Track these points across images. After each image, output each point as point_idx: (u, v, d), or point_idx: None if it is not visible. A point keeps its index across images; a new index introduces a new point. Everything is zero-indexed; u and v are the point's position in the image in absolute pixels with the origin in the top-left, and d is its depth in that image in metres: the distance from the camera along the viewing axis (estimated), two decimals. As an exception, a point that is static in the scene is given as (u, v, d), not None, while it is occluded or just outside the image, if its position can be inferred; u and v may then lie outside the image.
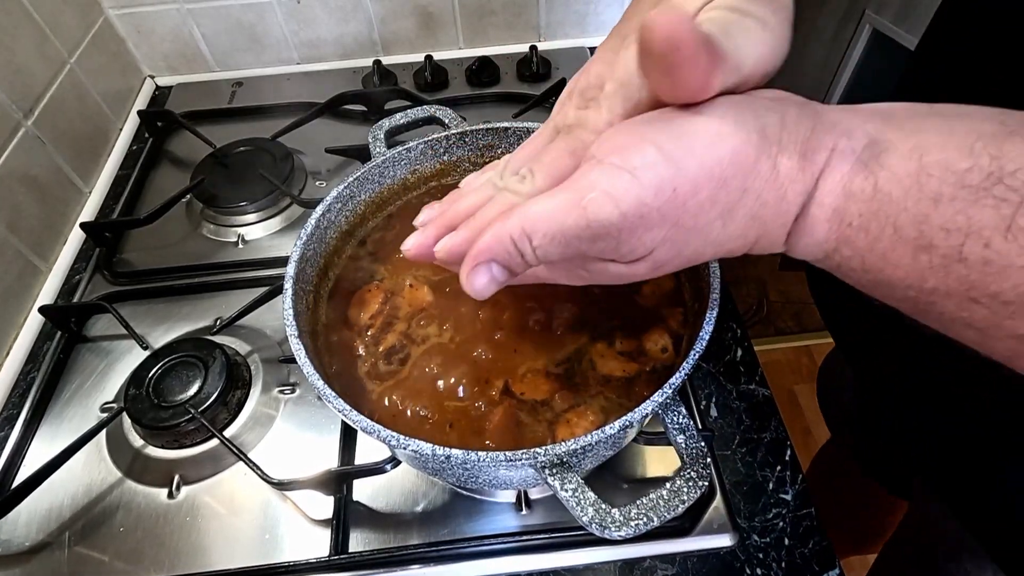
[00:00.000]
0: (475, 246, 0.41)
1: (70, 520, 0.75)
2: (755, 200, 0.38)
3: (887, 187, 0.35)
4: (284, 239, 1.06)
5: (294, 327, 0.55)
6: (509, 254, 0.40)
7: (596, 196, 0.37)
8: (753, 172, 0.37)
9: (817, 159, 0.37)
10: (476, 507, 0.74)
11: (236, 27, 1.31)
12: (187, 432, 0.79)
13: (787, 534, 0.72)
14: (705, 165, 0.36)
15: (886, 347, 0.74)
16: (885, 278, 0.37)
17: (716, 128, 0.36)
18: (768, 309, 2.48)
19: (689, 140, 0.37)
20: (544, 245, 0.39)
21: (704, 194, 0.37)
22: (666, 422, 0.51)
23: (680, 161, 0.36)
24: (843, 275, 0.40)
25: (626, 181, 0.36)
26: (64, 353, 0.91)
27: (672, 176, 0.36)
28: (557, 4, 1.33)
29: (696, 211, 0.38)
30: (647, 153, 0.36)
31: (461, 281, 0.42)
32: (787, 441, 0.78)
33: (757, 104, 0.38)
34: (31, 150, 1.00)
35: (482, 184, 0.49)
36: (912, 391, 0.73)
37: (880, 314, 0.72)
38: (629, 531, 0.46)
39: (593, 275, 0.45)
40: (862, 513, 1.28)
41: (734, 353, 0.87)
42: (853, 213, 0.36)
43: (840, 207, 0.37)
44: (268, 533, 0.74)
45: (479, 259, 0.41)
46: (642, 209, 0.36)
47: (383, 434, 0.48)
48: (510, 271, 0.41)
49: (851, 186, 0.36)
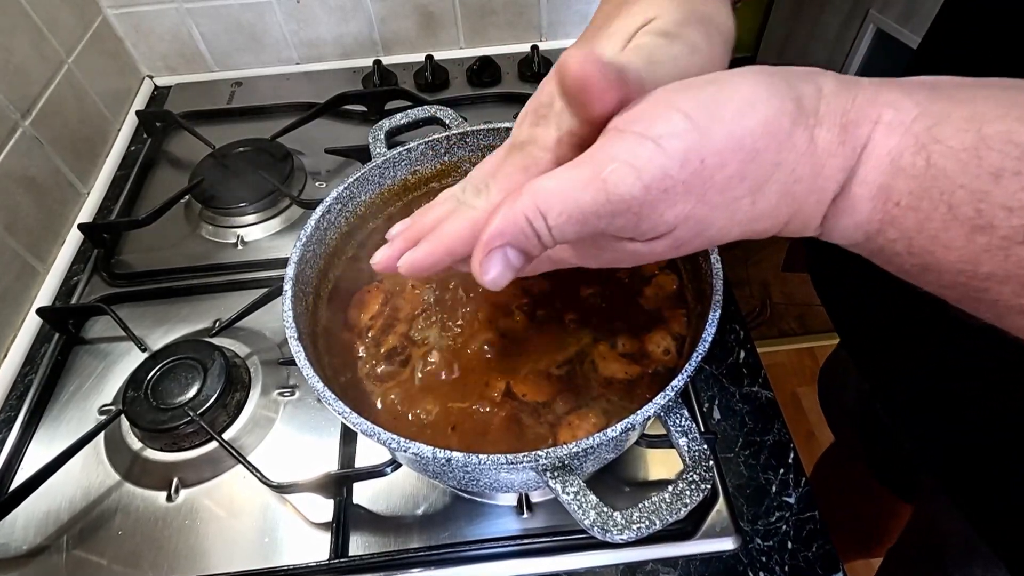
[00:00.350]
0: (486, 231, 0.38)
1: (68, 523, 0.75)
2: (788, 175, 0.36)
3: (941, 162, 0.32)
4: (284, 240, 1.06)
5: (294, 329, 0.55)
6: (525, 235, 0.37)
7: (616, 167, 0.35)
8: (787, 144, 0.35)
9: (860, 132, 0.35)
10: (477, 510, 0.74)
11: (235, 27, 1.31)
12: (186, 435, 0.79)
13: (791, 537, 0.72)
14: (735, 135, 0.34)
15: (894, 347, 0.74)
16: (934, 262, 0.34)
17: (748, 96, 0.35)
18: (771, 311, 2.48)
19: (719, 108, 0.35)
20: (560, 223, 0.36)
21: (733, 167, 0.35)
22: (668, 425, 0.51)
23: (708, 129, 0.34)
24: (884, 260, 0.38)
25: (649, 150, 0.34)
26: (62, 355, 0.91)
27: (700, 145, 0.34)
28: (559, 3, 1.33)
29: (724, 185, 0.35)
30: (673, 120, 0.35)
31: (474, 272, 0.39)
32: (790, 444, 0.78)
33: (792, 74, 0.37)
34: (29, 151, 1.00)
35: (447, 198, 0.48)
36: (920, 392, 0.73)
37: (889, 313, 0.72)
38: (631, 534, 0.46)
39: (608, 254, 0.43)
40: (866, 516, 1.28)
41: (737, 355, 0.87)
42: (902, 191, 0.34)
43: (887, 184, 0.34)
44: (267, 536, 0.74)
45: (492, 244, 0.38)
46: (666, 181, 0.35)
47: (383, 437, 0.48)
48: (526, 255, 0.39)
49: (900, 161, 0.34)
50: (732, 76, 0.36)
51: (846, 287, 0.82)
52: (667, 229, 0.37)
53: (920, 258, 0.35)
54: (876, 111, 0.35)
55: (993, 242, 0.31)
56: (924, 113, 0.33)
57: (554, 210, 0.36)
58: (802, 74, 0.37)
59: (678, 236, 0.38)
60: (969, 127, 0.32)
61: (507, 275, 0.39)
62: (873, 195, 0.35)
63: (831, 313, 0.86)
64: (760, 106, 0.35)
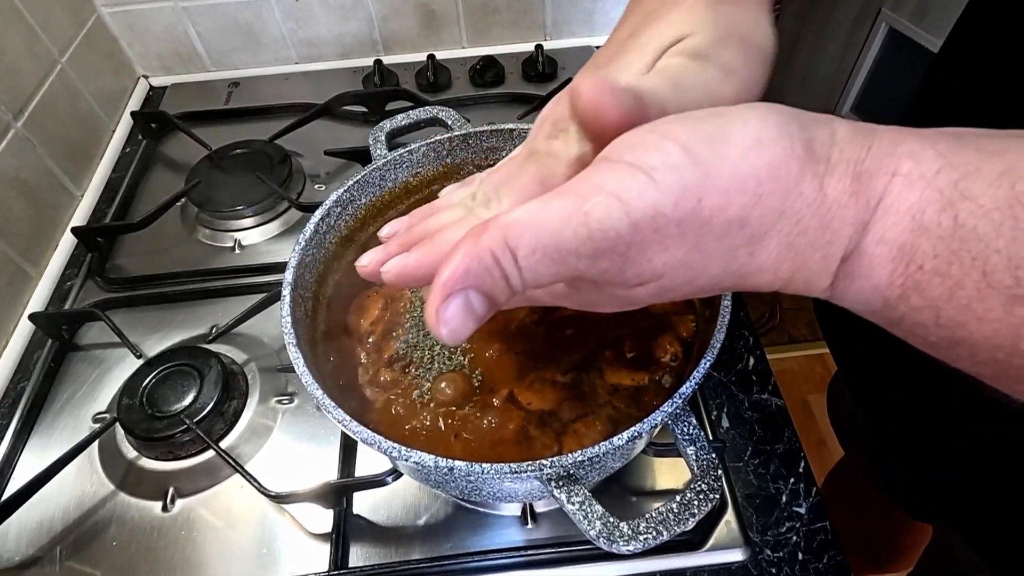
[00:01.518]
0: (444, 270, 0.33)
1: (61, 534, 0.75)
2: (793, 226, 0.32)
3: (971, 221, 0.29)
4: (282, 244, 1.06)
5: (292, 335, 0.55)
6: (490, 276, 0.32)
7: (602, 200, 0.31)
8: (794, 191, 0.32)
9: (875, 184, 0.31)
10: (480, 520, 0.74)
11: (232, 25, 1.31)
12: (182, 443, 0.79)
13: (801, 548, 0.72)
14: (740, 175, 0.31)
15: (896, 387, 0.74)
16: (966, 336, 0.30)
17: (756, 134, 0.32)
18: (781, 316, 2.47)
19: (723, 145, 0.32)
20: (533, 263, 0.32)
21: (733, 211, 0.32)
22: (676, 433, 0.51)
23: (710, 167, 0.31)
24: (906, 331, 0.34)
25: (641, 183, 0.31)
26: (55, 362, 0.91)
27: (698, 183, 0.31)
28: (563, 2, 1.34)
29: (722, 232, 0.32)
30: (669, 152, 0.31)
31: (428, 321, 0.34)
32: (801, 452, 0.78)
33: (804, 115, 0.34)
34: (21, 152, 1.01)
35: (457, 202, 0.45)
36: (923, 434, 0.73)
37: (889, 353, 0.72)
38: (638, 545, 0.46)
39: (584, 296, 0.39)
40: (878, 531, 1.27)
41: (746, 362, 0.87)
42: (927, 252, 0.30)
43: (908, 244, 0.31)
44: (266, 547, 0.74)
45: (452, 286, 0.33)
46: (658, 221, 0.31)
47: (384, 445, 0.48)
48: (491, 301, 0.34)
49: (923, 219, 0.30)
50: (739, 111, 0.33)
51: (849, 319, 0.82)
52: (654, 276, 0.34)
53: (949, 331, 0.31)
54: (894, 162, 0.31)
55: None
56: (948, 165, 0.30)
57: (526, 246, 0.32)
58: (814, 117, 0.34)
59: (664, 284, 0.35)
60: (1002, 183, 0.28)
61: (468, 325, 0.34)
62: (893, 256, 0.31)
63: (831, 346, 0.86)
64: (769, 146, 0.32)
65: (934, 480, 0.73)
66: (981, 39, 0.61)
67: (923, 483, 0.78)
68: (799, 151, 0.32)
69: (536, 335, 0.63)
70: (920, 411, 0.71)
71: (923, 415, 0.70)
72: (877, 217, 0.31)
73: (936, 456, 0.71)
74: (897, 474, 0.93)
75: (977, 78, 0.58)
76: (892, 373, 0.74)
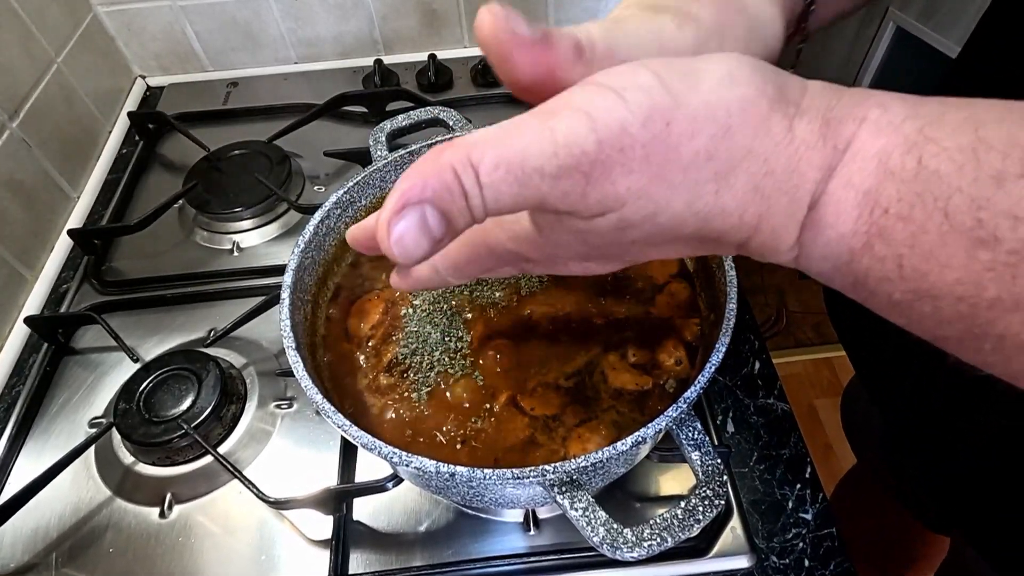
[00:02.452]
0: (401, 182, 0.31)
1: (57, 540, 0.76)
2: (760, 166, 0.32)
3: (934, 163, 0.29)
4: (281, 246, 1.06)
5: (291, 339, 0.56)
6: (449, 192, 0.31)
7: (569, 115, 0.31)
8: (763, 129, 0.32)
9: (843, 130, 0.32)
10: (482, 527, 0.74)
11: (231, 25, 1.32)
12: (179, 448, 0.79)
13: (807, 555, 0.72)
14: (709, 104, 0.31)
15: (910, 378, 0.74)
16: (929, 288, 0.30)
17: (728, 71, 0.32)
18: (787, 320, 2.47)
19: (695, 78, 0.32)
20: (495, 180, 0.31)
21: (702, 140, 0.31)
22: (681, 438, 0.51)
23: (680, 94, 0.31)
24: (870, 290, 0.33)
25: (611, 101, 0.31)
26: (51, 366, 0.91)
27: (667, 106, 0.31)
28: (566, 1, 1.34)
29: (688, 161, 0.32)
30: (641, 76, 0.32)
31: (378, 235, 0.32)
32: (807, 458, 0.78)
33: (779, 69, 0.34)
34: (16, 153, 1.01)
35: None
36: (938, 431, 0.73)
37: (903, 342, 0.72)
38: (642, 552, 0.46)
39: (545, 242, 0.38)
40: (889, 540, 1.27)
41: (752, 366, 0.87)
42: (891, 196, 0.30)
43: (873, 188, 0.30)
44: (264, 554, 0.74)
45: (408, 199, 0.31)
46: (624, 139, 0.31)
47: (384, 451, 0.49)
48: (448, 222, 0.32)
49: (888, 162, 0.30)
50: (714, 55, 0.34)
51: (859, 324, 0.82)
52: (616, 204, 0.33)
53: (913, 283, 0.30)
54: (863, 111, 0.32)
55: (998, 258, 0.27)
56: (915, 115, 0.31)
57: (489, 162, 0.31)
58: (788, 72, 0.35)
59: (625, 216, 0.34)
60: (965, 128, 0.29)
61: (421, 245, 0.32)
62: (859, 201, 0.31)
63: (842, 337, 0.86)
64: (741, 82, 0.32)
65: (948, 483, 0.73)
66: (996, 50, 0.61)
67: (937, 487, 0.77)
68: (770, 92, 0.32)
69: (539, 339, 0.63)
70: (935, 406, 0.71)
71: (938, 410, 0.70)
72: (845, 161, 0.31)
73: (950, 456, 0.70)
74: (911, 478, 0.93)
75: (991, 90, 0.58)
76: (907, 366, 0.74)
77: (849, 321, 0.85)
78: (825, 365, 2.37)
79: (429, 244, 0.32)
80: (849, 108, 0.32)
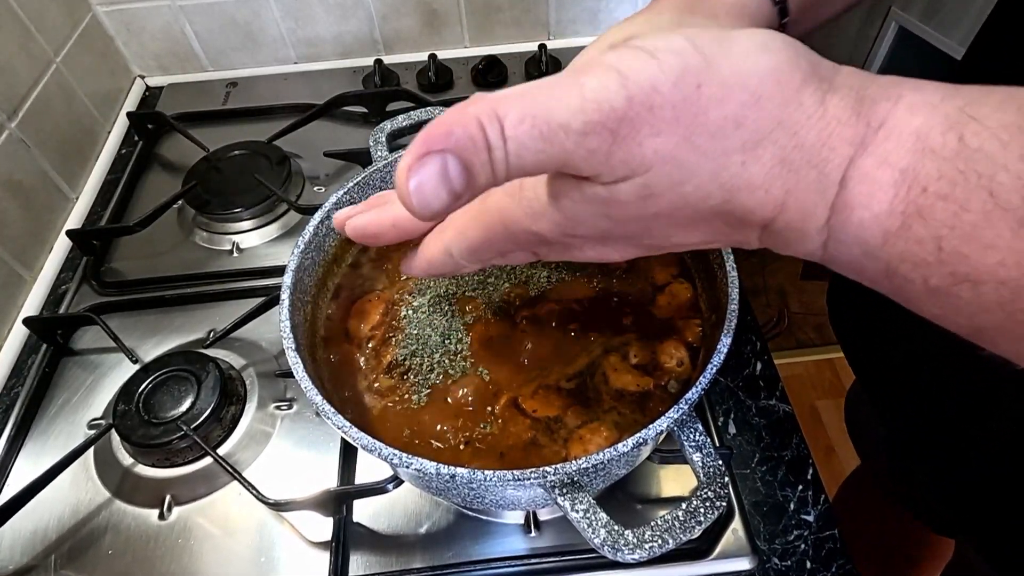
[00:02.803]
0: (425, 129, 0.31)
1: (56, 542, 0.76)
2: (789, 138, 0.31)
3: (977, 141, 0.28)
4: (281, 247, 1.06)
5: (291, 340, 0.56)
6: (472, 142, 0.30)
7: (599, 71, 0.31)
8: (794, 100, 0.31)
9: (878, 109, 0.31)
10: (482, 529, 0.74)
11: (230, 25, 1.32)
12: (179, 450, 0.79)
13: (809, 557, 0.72)
14: (741, 71, 0.31)
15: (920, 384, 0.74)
16: (970, 270, 0.28)
17: (763, 40, 0.32)
18: (789, 320, 2.47)
19: (729, 43, 0.32)
20: (520, 134, 0.30)
21: (731, 106, 0.31)
22: (682, 439, 0.51)
23: (713, 57, 0.31)
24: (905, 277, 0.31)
25: (642, 60, 0.31)
26: (50, 367, 0.91)
27: (700, 69, 0.31)
28: (567, 1, 1.34)
29: (716, 127, 0.31)
30: (675, 40, 0.31)
31: (397, 180, 0.31)
32: (809, 459, 0.78)
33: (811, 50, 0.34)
34: (15, 154, 1.01)
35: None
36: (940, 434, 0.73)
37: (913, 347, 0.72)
38: (643, 554, 0.46)
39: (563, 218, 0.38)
40: (892, 543, 1.26)
41: (753, 367, 0.87)
42: (931, 174, 0.29)
43: (911, 167, 0.29)
44: (264, 556, 0.74)
45: (430, 145, 0.30)
46: (654, 97, 0.30)
47: (385, 452, 0.49)
48: (469, 175, 0.31)
49: (927, 140, 0.29)
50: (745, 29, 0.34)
51: (863, 312, 0.82)
52: (641, 168, 0.32)
53: (952, 266, 0.29)
54: (898, 91, 0.31)
55: None
56: (954, 94, 0.30)
57: (515, 115, 0.30)
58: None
59: (650, 182, 0.33)
60: (1007, 107, 0.28)
61: (440, 195, 0.31)
62: (896, 180, 0.30)
63: (843, 343, 0.86)
64: (775, 52, 0.32)
65: (960, 490, 0.73)
66: (1004, 47, 0.61)
67: (949, 494, 0.77)
68: (804, 66, 0.32)
69: (540, 341, 0.63)
70: (947, 413, 0.71)
71: (950, 417, 0.70)
72: (879, 139, 0.30)
73: (962, 463, 0.70)
74: (915, 481, 0.93)
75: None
76: (916, 372, 0.73)
77: (854, 327, 0.85)
78: (827, 366, 2.37)
79: (448, 196, 0.31)
80: (884, 88, 0.31)
